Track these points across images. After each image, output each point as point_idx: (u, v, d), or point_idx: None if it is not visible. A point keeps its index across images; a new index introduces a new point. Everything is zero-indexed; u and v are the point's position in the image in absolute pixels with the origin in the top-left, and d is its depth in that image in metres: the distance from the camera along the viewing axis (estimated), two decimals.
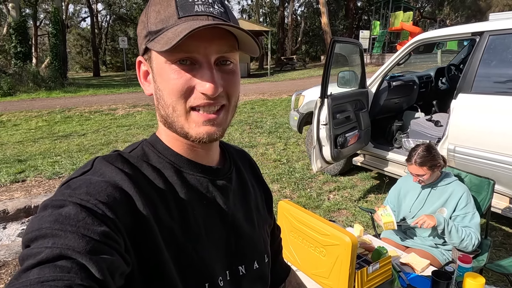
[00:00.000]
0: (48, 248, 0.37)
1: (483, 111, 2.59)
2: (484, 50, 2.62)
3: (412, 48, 3.21)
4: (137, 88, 14.80)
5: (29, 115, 8.69)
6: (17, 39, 14.42)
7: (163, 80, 0.51)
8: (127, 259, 0.43)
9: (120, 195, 0.46)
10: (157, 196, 0.51)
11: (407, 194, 1.98)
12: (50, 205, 0.43)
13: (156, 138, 0.58)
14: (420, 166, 1.80)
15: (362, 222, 3.02)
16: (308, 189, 3.82)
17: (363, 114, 3.39)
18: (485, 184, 1.93)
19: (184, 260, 0.52)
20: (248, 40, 0.51)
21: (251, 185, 0.69)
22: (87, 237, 0.39)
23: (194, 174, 0.57)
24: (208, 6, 0.50)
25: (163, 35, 0.48)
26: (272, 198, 0.79)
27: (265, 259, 0.67)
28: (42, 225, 0.40)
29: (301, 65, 20.69)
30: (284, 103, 9.20)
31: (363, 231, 1.86)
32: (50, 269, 0.36)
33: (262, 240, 0.68)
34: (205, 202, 0.57)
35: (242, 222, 0.63)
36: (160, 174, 0.53)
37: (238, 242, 0.61)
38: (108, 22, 33.24)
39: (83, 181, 0.46)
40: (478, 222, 1.75)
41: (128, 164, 0.52)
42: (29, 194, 3.75)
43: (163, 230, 0.49)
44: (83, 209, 0.42)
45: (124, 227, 0.45)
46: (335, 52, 2.93)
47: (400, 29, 16.63)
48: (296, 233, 1.47)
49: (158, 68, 0.51)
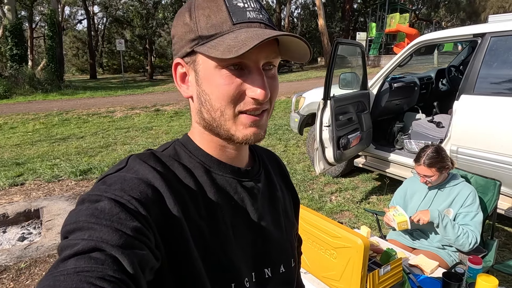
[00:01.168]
0: (84, 240, 0.39)
1: (485, 112, 2.60)
2: (486, 51, 2.64)
3: (414, 50, 3.22)
4: (134, 91, 14.77)
5: (26, 118, 8.62)
6: (12, 42, 14.33)
7: (212, 85, 0.51)
8: (157, 254, 0.45)
9: (152, 193, 0.48)
10: (187, 194, 0.52)
11: (413, 195, 1.98)
12: (87, 200, 0.45)
13: (188, 138, 0.59)
14: (428, 167, 1.80)
15: (366, 223, 3.01)
16: (310, 190, 3.81)
17: (365, 115, 3.40)
18: (491, 185, 1.94)
19: (212, 259, 0.52)
20: (293, 47, 0.52)
21: (279, 188, 0.69)
22: (120, 231, 0.41)
23: (224, 174, 0.57)
24: (258, 13, 0.51)
25: (218, 40, 0.48)
26: (299, 204, 0.78)
27: (292, 263, 0.67)
28: (79, 218, 0.42)
29: (298, 67, 20.73)
30: (283, 105, 9.21)
31: (370, 233, 1.86)
32: (86, 260, 0.38)
33: (290, 244, 0.68)
34: (233, 203, 0.57)
35: (269, 225, 0.62)
36: (190, 174, 0.54)
37: (265, 245, 0.61)
38: (104, 24, 33.13)
39: (117, 177, 0.48)
40: (479, 222, 1.75)
41: (160, 162, 0.53)
42: (29, 197, 3.71)
43: (192, 228, 0.50)
44: (117, 204, 0.43)
45: (155, 224, 0.46)
46: (338, 53, 2.94)
47: (397, 31, 16.73)
48: (306, 236, 1.45)
49: (206, 72, 0.51)
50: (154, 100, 11.08)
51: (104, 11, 30.20)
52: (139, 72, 30.72)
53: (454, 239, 1.70)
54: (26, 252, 2.58)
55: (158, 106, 9.88)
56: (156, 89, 15.64)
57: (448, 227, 1.71)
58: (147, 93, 13.69)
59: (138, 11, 24.03)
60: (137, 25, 24.44)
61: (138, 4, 24.23)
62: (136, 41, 28.04)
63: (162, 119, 8.45)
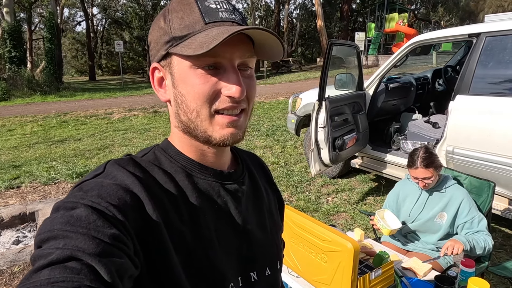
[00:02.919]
0: (59, 249, 0.38)
1: (481, 113, 2.58)
2: (481, 51, 2.63)
3: (409, 50, 3.21)
4: (133, 92, 14.76)
5: (24, 120, 8.61)
6: (11, 44, 14.32)
7: (187, 85, 0.51)
8: (136, 262, 0.44)
9: (130, 199, 0.47)
10: (168, 200, 0.51)
11: (406, 198, 1.97)
12: (62, 207, 0.43)
13: (168, 143, 0.58)
14: (426, 168, 1.75)
15: (362, 225, 3.00)
16: (306, 192, 3.80)
17: (361, 116, 3.39)
18: (486, 187, 1.92)
19: (194, 265, 0.51)
20: (268, 45, 0.53)
21: (264, 189, 0.69)
22: (97, 239, 0.40)
23: (206, 178, 0.56)
24: (230, 13, 0.52)
25: (191, 39, 0.49)
26: (284, 206, 0.78)
27: (278, 265, 0.66)
28: (53, 226, 0.41)
29: (297, 67, 20.72)
30: (281, 106, 9.20)
31: (363, 235, 1.84)
32: (60, 270, 0.36)
33: (275, 246, 0.67)
34: (216, 207, 0.56)
35: (254, 227, 0.62)
36: (171, 178, 0.53)
37: (251, 248, 0.60)
38: (103, 26, 33.14)
39: (95, 183, 0.47)
40: (486, 224, 1.74)
41: (139, 168, 0.52)
42: (24, 200, 3.69)
43: (173, 234, 0.49)
44: (94, 211, 0.42)
45: (134, 230, 0.45)
46: (332, 54, 2.93)
47: (395, 31, 16.73)
48: (297, 239, 1.44)
49: (182, 73, 0.51)
50: (152, 102, 11.06)
51: (103, 13, 30.23)
52: (138, 74, 30.72)
53: (482, 252, 1.66)
54: (20, 255, 2.56)
55: (156, 108, 9.86)
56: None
57: (476, 247, 1.63)
58: (145, 95, 13.67)
59: (136, 12, 24.05)
60: (136, 27, 24.44)
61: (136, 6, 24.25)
62: (135, 43, 28.04)
63: (160, 120, 8.44)
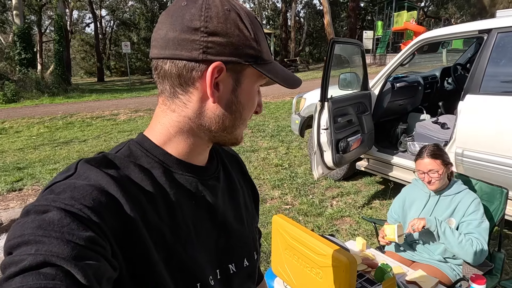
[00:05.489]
0: (31, 255, 0.36)
1: (492, 113, 2.45)
2: (492, 48, 2.49)
3: (416, 48, 3.08)
4: (140, 93, 14.80)
5: (31, 122, 8.67)
6: (21, 46, 14.49)
7: (250, 98, 0.56)
8: (114, 264, 0.43)
9: (106, 199, 0.45)
10: (145, 197, 0.50)
11: (412, 204, 1.85)
12: (33, 211, 0.41)
13: (143, 137, 0.56)
14: (434, 158, 1.68)
15: (367, 230, 2.88)
16: (310, 195, 3.69)
17: (366, 117, 3.26)
18: (498, 193, 1.79)
19: (175, 261, 0.51)
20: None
21: (238, 182, 0.70)
22: (72, 242, 0.38)
23: (183, 173, 0.56)
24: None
25: (272, 67, 0.55)
26: (259, 196, 0.80)
27: (254, 256, 0.68)
28: (24, 231, 0.39)
29: (304, 66, 20.55)
30: (287, 106, 9.08)
31: (365, 244, 1.74)
32: (34, 276, 0.35)
33: (252, 237, 0.69)
34: (194, 202, 0.56)
35: (231, 220, 0.63)
36: (148, 175, 0.52)
37: (228, 241, 0.62)
38: (111, 27, 33.43)
39: (67, 185, 0.44)
40: (485, 229, 1.60)
41: (114, 166, 0.50)
42: (25, 203, 3.67)
43: (152, 232, 0.49)
44: (67, 214, 0.40)
45: (111, 232, 0.44)
46: (335, 53, 2.82)
47: (404, 28, 16.43)
48: (291, 251, 1.35)
49: (248, 86, 0.55)
50: None
51: (111, 14, 30.46)
52: (146, 74, 30.89)
53: (457, 245, 1.55)
54: None
55: None
56: None
57: (447, 232, 1.57)
58: (152, 95, 13.69)
59: (143, 13, 24.16)
60: (142, 28, 24.57)
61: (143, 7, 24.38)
62: (142, 44, 28.19)
63: None
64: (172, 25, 0.49)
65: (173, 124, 0.54)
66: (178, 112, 0.53)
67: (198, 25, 0.48)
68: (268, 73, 0.53)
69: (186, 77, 0.50)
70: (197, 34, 0.48)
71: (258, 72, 0.53)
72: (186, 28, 0.48)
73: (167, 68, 0.50)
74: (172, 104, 0.53)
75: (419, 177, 1.78)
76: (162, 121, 0.55)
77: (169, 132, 0.55)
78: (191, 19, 0.48)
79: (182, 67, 0.49)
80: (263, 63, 0.53)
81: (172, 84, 0.51)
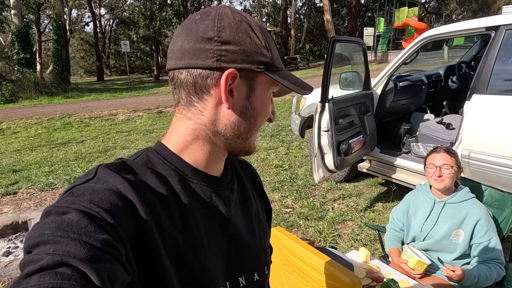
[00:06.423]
0: (49, 255, 0.38)
1: (500, 113, 2.35)
2: (500, 46, 2.39)
3: (420, 46, 2.98)
4: (139, 92, 14.71)
5: (29, 122, 8.59)
6: (19, 45, 14.38)
7: (263, 104, 0.57)
8: (127, 268, 0.43)
9: (123, 204, 0.46)
10: (160, 204, 0.51)
11: (417, 211, 1.76)
12: (53, 212, 0.42)
13: (161, 145, 0.57)
14: (449, 154, 1.64)
15: (370, 235, 2.79)
16: (311, 197, 3.60)
17: (368, 117, 3.16)
18: (509, 200, 1.70)
19: (186, 269, 0.52)
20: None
21: (252, 195, 0.70)
22: (88, 244, 0.39)
23: (198, 182, 0.57)
24: None
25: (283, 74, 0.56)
26: (271, 211, 0.79)
27: (265, 270, 0.67)
28: (44, 231, 0.40)
29: (305, 64, 20.42)
30: (287, 105, 8.98)
31: (369, 256, 1.65)
32: (51, 276, 0.36)
33: (263, 251, 0.68)
34: (207, 211, 0.57)
35: (243, 232, 0.63)
36: (164, 181, 0.53)
37: (239, 252, 0.61)
38: (111, 26, 33.28)
39: (86, 188, 0.46)
40: (500, 251, 1.53)
41: (131, 172, 0.51)
42: (19, 208, 3.59)
43: (165, 239, 0.49)
44: (85, 216, 0.42)
45: (126, 236, 0.44)
46: (336, 52, 2.72)
47: (405, 25, 16.28)
48: (291, 267, 1.26)
49: (261, 92, 0.56)
50: (157, 102, 10.98)
51: (110, 13, 30.29)
52: (145, 73, 30.79)
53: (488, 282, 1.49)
54: (6, 270, 2.43)
55: (161, 108, 9.76)
56: (161, 90, 15.54)
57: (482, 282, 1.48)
58: (151, 95, 13.61)
59: (142, 12, 24.01)
60: (141, 26, 24.43)
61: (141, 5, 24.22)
62: (141, 42, 28.05)
63: (164, 121, 8.31)
64: (187, 36, 0.52)
65: (190, 131, 0.55)
66: (194, 120, 0.55)
67: (211, 35, 0.50)
68: (281, 79, 0.54)
69: (201, 85, 0.52)
70: (211, 44, 0.50)
71: (271, 79, 0.55)
72: (201, 38, 0.51)
73: (183, 78, 0.52)
74: (188, 112, 0.55)
75: (429, 172, 1.68)
76: (179, 129, 0.56)
77: (186, 139, 0.56)
78: (205, 29, 0.51)
79: (197, 75, 0.51)
80: (275, 70, 0.55)
81: (188, 93, 0.53)
